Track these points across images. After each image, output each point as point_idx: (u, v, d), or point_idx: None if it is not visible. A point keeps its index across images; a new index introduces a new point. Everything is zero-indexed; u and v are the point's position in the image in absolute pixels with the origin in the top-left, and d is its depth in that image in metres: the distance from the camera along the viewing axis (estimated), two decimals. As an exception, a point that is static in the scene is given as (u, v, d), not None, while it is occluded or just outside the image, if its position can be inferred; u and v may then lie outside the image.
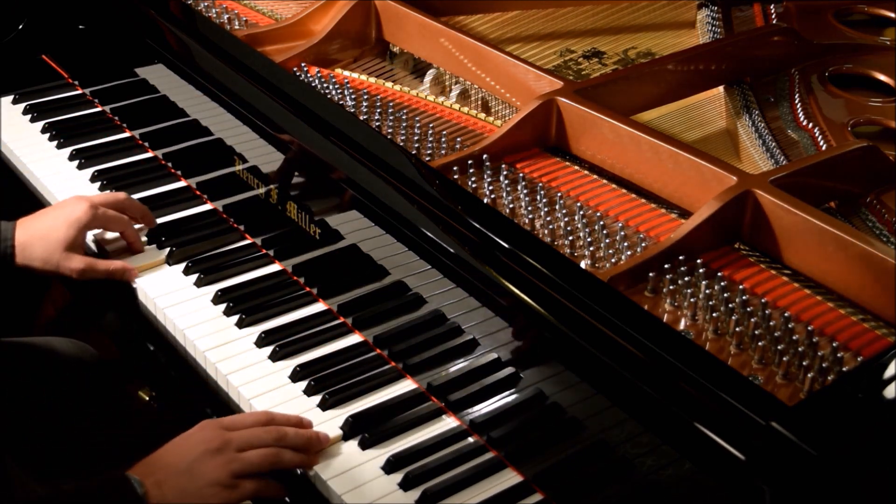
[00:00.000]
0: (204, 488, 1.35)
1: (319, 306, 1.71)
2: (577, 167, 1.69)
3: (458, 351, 1.54)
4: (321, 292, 1.72)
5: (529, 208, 1.58)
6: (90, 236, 1.85)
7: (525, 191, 1.61)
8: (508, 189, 1.62)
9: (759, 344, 1.34)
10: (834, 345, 1.34)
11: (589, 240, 1.51)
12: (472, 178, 1.63)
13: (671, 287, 1.43)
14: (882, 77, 1.95)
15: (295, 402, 1.54)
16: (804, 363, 1.31)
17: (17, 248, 1.73)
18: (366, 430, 1.48)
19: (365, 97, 1.85)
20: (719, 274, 1.46)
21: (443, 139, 1.73)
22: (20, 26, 2.29)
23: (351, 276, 1.69)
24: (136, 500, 1.33)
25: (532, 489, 1.41)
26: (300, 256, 1.78)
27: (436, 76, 1.95)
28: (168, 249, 1.82)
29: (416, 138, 1.73)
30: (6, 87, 2.25)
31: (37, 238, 1.74)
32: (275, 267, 1.80)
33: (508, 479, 1.42)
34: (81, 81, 2.28)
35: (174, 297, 1.73)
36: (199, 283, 1.75)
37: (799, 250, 1.46)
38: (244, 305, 1.70)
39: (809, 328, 1.36)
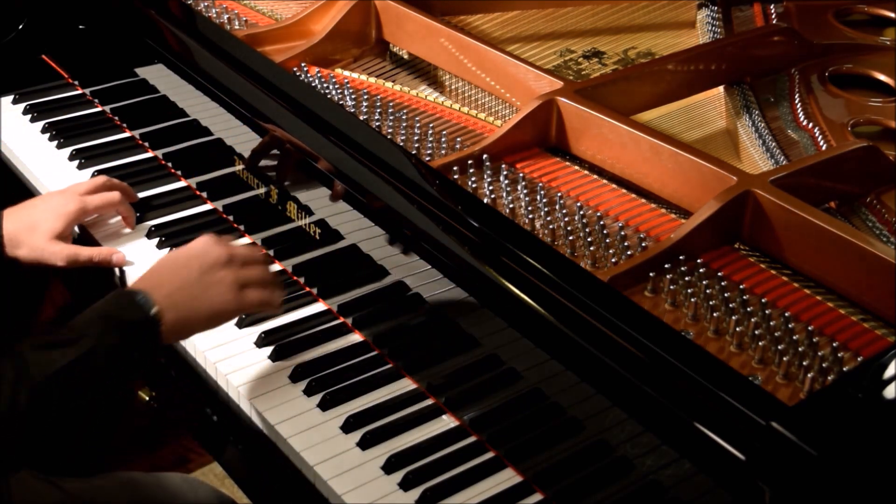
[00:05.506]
0: (215, 296, 1.40)
1: (319, 306, 1.71)
2: (577, 167, 1.69)
3: (458, 351, 1.54)
4: (321, 292, 1.72)
5: (529, 208, 1.58)
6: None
7: (525, 191, 1.60)
8: (508, 189, 1.62)
9: (759, 344, 1.34)
10: (834, 345, 1.34)
11: (589, 240, 1.50)
12: (472, 178, 1.63)
13: (671, 287, 1.43)
14: (882, 77, 1.95)
15: (295, 401, 1.54)
16: (804, 363, 1.31)
17: (4, 238, 1.73)
18: (366, 430, 1.48)
19: (365, 97, 1.85)
20: (719, 274, 1.46)
21: (443, 139, 1.73)
22: (20, 26, 2.29)
23: (351, 276, 1.69)
24: (146, 319, 1.33)
25: (532, 489, 1.41)
26: (300, 256, 1.78)
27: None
28: (167, 249, 1.82)
29: (416, 138, 1.73)
30: (6, 87, 2.24)
31: (24, 229, 1.74)
32: (275, 267, 1.80)
33: (508, 478, 1.42)
34: (81, 81, 2.28)
35: (174, 297, 1.73)
36: (199, 283, 1.75)
37: (799, 250, 1.46)
38: (244, 305, 1.70)
39: (809, 328, 1.36)
